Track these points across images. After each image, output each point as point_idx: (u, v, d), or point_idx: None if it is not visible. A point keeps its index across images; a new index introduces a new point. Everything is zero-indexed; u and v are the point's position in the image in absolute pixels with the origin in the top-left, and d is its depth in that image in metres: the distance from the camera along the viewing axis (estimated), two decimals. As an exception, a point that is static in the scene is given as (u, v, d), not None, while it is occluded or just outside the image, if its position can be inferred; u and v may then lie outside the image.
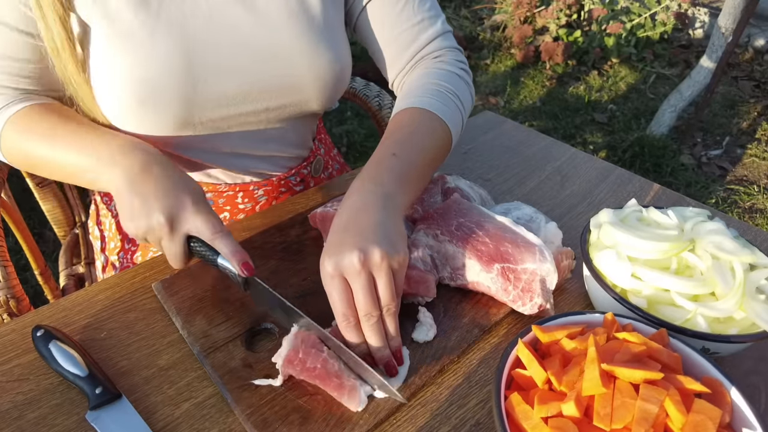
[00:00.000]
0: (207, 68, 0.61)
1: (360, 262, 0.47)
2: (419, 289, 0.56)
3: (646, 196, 0.78)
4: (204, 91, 0.62)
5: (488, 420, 0.48)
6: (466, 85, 0.71)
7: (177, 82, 0.60)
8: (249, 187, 0.76)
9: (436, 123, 0.62)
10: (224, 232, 0.53)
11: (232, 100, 0.65)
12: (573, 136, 2.51)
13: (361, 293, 0.48)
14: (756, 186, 2.18)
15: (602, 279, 0.52)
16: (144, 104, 0.60)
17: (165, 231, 0.53)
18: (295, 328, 0.51)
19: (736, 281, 0.49)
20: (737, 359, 0.53)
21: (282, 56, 0.64)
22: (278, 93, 0.67)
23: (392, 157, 0.57)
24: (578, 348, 0.42)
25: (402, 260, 0.50)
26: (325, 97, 0.70)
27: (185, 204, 0.53)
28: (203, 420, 0.47)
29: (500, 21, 3.35)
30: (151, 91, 0.60)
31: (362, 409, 0.47)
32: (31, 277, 1.37)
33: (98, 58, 0.60)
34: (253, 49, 0.63)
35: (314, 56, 0.65)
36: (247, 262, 0.53)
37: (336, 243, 0.49)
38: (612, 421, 0.36)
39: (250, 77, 0.64)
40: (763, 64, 3.03)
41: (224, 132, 0.68)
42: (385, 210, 0.52)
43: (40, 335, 0.50)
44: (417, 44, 0.70)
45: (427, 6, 0.71)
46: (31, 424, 0.46)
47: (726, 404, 0.39)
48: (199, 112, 0.63)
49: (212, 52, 0.61)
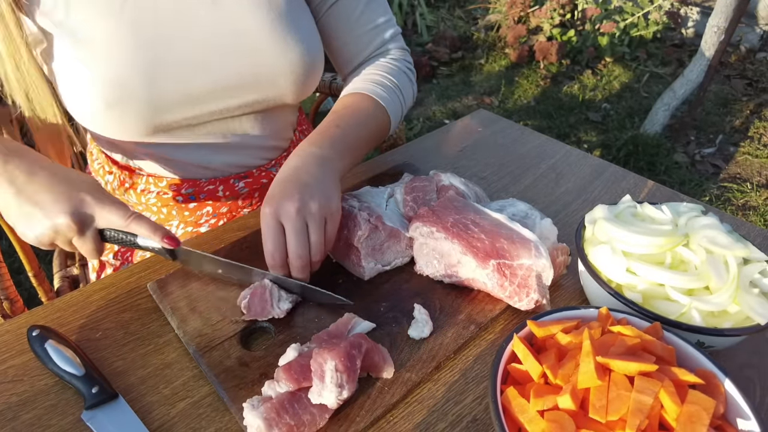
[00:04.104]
0: (170, 67, 0.62)
1: (296, 209, 0.53)
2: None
3: (641, 193, 0.78)
4: (169, 90, 0.63)
5: (485, 415, 0.48)
6: (410, 82, 0.79)
7: (141, 82, 0.61)
8: (229, 181, 0.76)
9: (378, 109, 0.70)
10: (135, 215, 0.54)
11: (199, 99, 0.65)
12: (567, 135, 2.52)
13: (294, 236, 0.54)
14: (749, 183, 2.20)
15: (597, 274, 0.52)
16: (111, 107, 0.61)
17: (74, 231, 0.53)
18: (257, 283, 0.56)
19: (729, 275, 0.49)
20: (732, 353, 0.54)
21: (249, 51, 0.65)
22: (250, 88, 0.68)
23: (335, 128, 0.64)
24: (573, 342, 0.43)
25: (335, 212, 0.57)
26: (298, 89, 0.71)
27: (86, 201, 0.53)
28: (199, 419, 0.47)
29: (494, 21, 3.36)
30: (117, 93, 0.60)
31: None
32: (25, 279, 1.36)
33: (63, 64, 0.60)
34: (218, 46, 0.64)
35: (284, 49, 0.66)
36: (169, 236, 0.55)
37: (276, 192, 0.55)
38: (607, 413, 0.36)
39: (216, 74, 0.65)
40: (755, 62, 3.06)
41: (198, 129, 0.69)
42: (322, 169, 0.58)
43: (35, 335, 0.50)
44: (374, 45, 0.77)
45: (382, 10, 0.77)
46: (25, 425, 0.46)
47: (720, 395, 0.39)
48: (167, 111, 0.64)
49: (175, 51, 0.62)
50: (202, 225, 0.77)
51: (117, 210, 0.54)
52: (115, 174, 0.75)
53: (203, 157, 0.73)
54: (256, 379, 0.49)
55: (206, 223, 0.77)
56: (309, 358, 0.47)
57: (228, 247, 0.65)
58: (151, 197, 0.75)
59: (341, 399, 0.45)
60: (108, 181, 0.77)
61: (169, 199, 0.75)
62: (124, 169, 0.75)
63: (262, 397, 0.46)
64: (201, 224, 0.77)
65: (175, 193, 0.74)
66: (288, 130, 0.82)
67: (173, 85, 0.63)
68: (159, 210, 0.75)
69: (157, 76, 0.62)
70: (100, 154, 0.78)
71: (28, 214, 0.52)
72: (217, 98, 0.67)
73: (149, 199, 0.75)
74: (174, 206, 0.75)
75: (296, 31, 0.67)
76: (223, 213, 0.77)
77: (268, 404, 0.44)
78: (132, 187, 0.75)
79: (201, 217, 0.76)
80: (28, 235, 0.53)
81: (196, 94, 0.65)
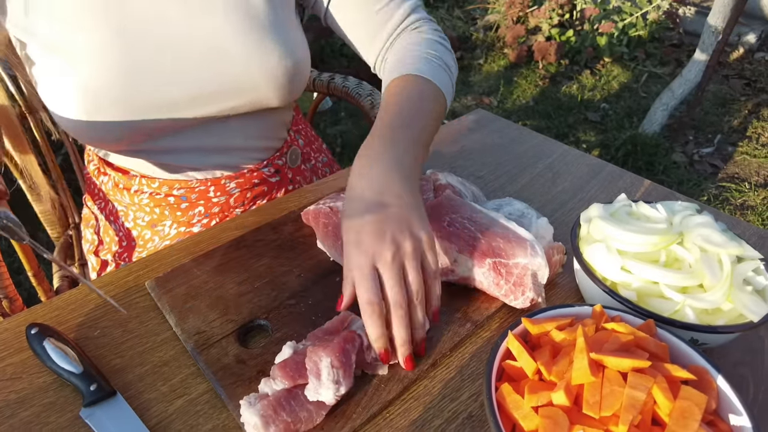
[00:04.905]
0: (149, 76, 0.61)
1: (392, 254, 0.47)
2: None
3: (637, 192, 0.79)
4: (149, 99, 0.62)
5: (480, 412, 0.48)
6: (448, 51, 0.71)
7: (120, 92, 0.60)
8: (220, 181, 0.76)
9: (432, 88, 0.62)
10: None
11: (180, 105, 0.64)
12: (566, 135, 2.52)
13: (392, 282, 0.47)
14: (747, 183, 2.20)
15: (592, 272, 0.53)
16: (92, 116, 0.61)
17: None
18: None
19: (723, 273, 0.50)
20: (725, 350, 0.54)
21: (226, 58, 0.64)
22: (231, 94, 0.66)
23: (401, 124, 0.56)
24: (567, 339, 0.43)
25: (431, 241, 0.50)
26: (282, 94, 0.69)
27: None
28: (197, 416, 0.47)
29: (493, 21, 3.37)
30: (97, 102, 0.60)
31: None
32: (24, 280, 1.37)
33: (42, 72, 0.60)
34: (195, 54, 0.63)
35: (261, 54, 0.64)
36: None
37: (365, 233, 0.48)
38: (601, 408, 0.37)
39: (196, 82, 0.64)
40: (753, 62, 3.06)
41: (184, 133, 0.69)
42: (407, 182, 0.51)
43: (34, 333, 0.50)
44: (394, 21, 0.70)
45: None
46: (24, 423, 0.46)
47: (712, 391, 0.39)
48: (149, 118, 0.63)
49: (153, 60, 0.61)
50: (195, 225, 0.77)
51: None
52: (110, 176, 0.76)
53: (192, 159, 0.73)
54: (254, 377, 0.49)
55: (198, 223, 0.77)
56: (304, 355, 0.47)
57: (225, 246, 0.65)
58: (144, 197, 0.75)
59: (339, 395, 0.45)
60: (103, 182, 0.78)
61: (161, 200, 0.75)
62: (118, 171, 0.75)
63: (259, 394, 0.46)
64: (193, 224, 0.77)
65: (167, 194, 0.75)
66: (281, 130, 0.81)
67: (153, 94, 0.62)
68: (152, 210, 0.76)
69: (136, 86, 0.61)
70: (94, 156, 0.78)
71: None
72: (199, 104, 0.66)
73: (142, 199, 0.75)
74: (166, 206, 0.75)
75: (275, 35, 0.65)
76: (215, 213, 0.78)
77: (265, 401, 0.44)
78: (126, 188, 0.75)
79: (193, 217, 0.77)
80: None
81: (177, 101, 0.64)
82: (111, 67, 0.60)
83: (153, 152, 0.71)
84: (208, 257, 0.63)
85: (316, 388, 0.45)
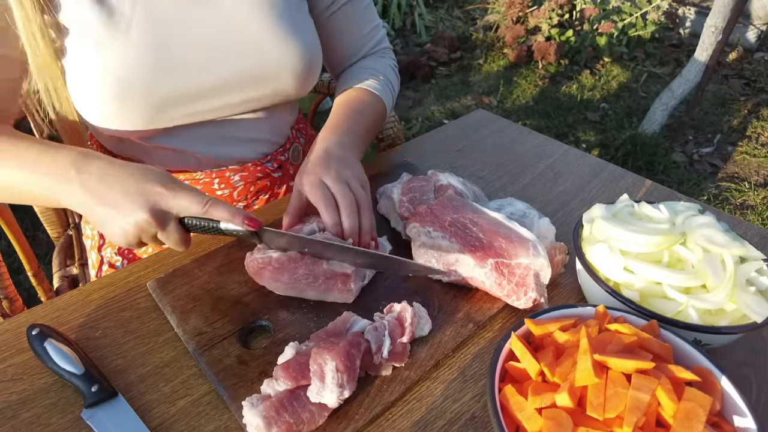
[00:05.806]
0: (177, 67, 0.64)
1: (335, 175, 0.60)
2: None
3: (638, 192, 0.79)
4: (176, 88, 0.65)
5: (483, 413, 0.48)
6: (396, 75, 0.89)
7: (149, 81, 0.63)
8: (225, 174, 0.77)
9: (378, 100, 0.79)
10: (212, 200, 0.54)
11: (201, 95, 0.68)
12: (566, 135, 2.52)
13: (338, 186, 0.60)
14: (747, 183, 2.20)
15: (595, 273, 0.53)
16: (119, 99, 0.63)
17: (154, 226, 0.53)
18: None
19: (726, 273, 0.50)
20: (728, 351, 0.54)
21: (252, 49, 0.68)
22: (252, 84, 0.70)
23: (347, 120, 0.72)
24: (570, 340, 0.43)
25: (365, 181, 0.64)
26: (300, 84, 0.75)
27: (160, 192, 0.53)
28: (199, 417, 0.47)
29: (493, 21, 3.37)
30: (126, 89, 0.62)
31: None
32: (24, 280, 1.36)
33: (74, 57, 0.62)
34: (220, 46, 0.67)
35: (284, 47, 0.70)
36: (250, 217, 0.54)
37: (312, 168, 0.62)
38: (605, 410, 0.37)
39: (221, 73, 0.67)
40: (752, 62, 3.06)
41: (200, 122, 0.71)
42: (346, 150, 0.66)
43: (35, 334, 0.50)
44: (367, 48, 0.87)
45: (373, 14, 0.86)
46: (25, 424, 0.46)
47: (716, 392, 0.39)
48: (172, 107, 0.66)
49: (182, 51, 0.64)
50: None
51: (191, 197, 0.53)
52: None
53: (201, 148, 0.74)
54: (256, 378, 0.49)
55: None
56: (307, 356, 0.47)
57: (226, 247, 0.65)
58: None
59: (342, 399, 0.45)
60: None
61: None
62: None
63: (261, 395, 0.46)
64: None
65: None
66: (286, 127, 0.84)
67: (176, 84, 0.65)
68: None
69: (159, 76, 0.63)
70: (98, 150, 0.78)
71: (106, 217, 0.53)
72: (220, 95, 0.69)
73: None
74: None
75: (296, 30, 0.71)
76: None
77: (267, 402, 0.44)
78: None
79: None
80: (114, 237, 0.53)
81: (199, 92, 0.67)
82: (142, 55, 0.62)
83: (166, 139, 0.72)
84: (209, 258, 0.63)
85: (319, 391, 0.44)
